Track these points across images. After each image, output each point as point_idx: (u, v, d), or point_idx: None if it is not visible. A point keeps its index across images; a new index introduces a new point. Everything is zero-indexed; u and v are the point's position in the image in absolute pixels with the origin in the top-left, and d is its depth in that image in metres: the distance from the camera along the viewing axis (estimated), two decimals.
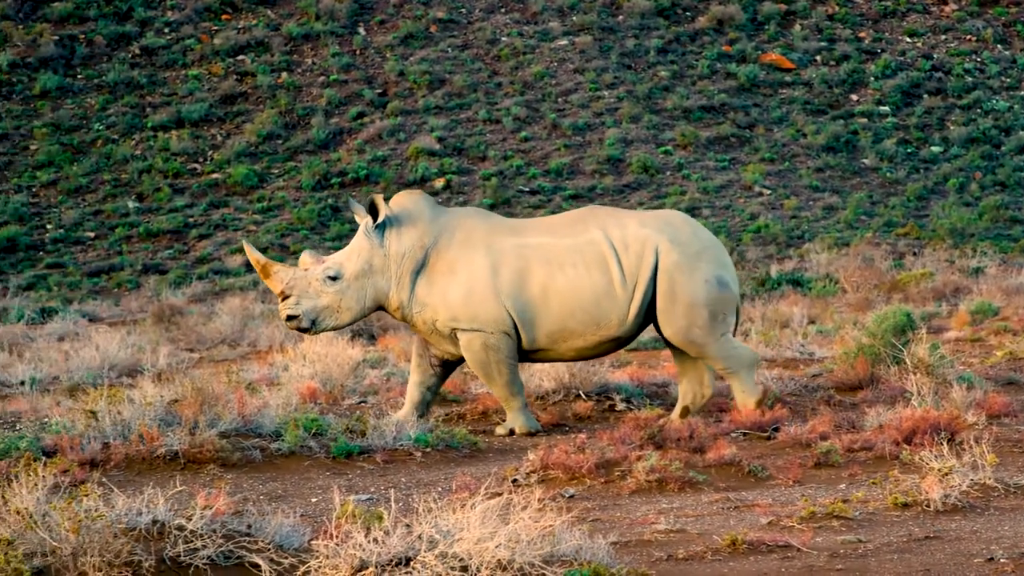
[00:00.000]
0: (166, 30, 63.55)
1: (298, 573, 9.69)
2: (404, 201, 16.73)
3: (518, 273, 16.36)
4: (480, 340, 16.31)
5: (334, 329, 16.72)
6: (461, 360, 16.76)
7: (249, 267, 48.12)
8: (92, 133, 58.28)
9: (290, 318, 16.38)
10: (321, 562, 9.65)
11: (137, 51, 62.49)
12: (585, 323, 16.41)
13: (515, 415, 16.63)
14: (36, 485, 10.04)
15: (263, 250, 50.10)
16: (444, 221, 16.62)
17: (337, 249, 50.36)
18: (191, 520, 10.11)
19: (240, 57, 62.70)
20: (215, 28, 63.93)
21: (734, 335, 17.07)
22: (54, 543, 9.80)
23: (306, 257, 16.61)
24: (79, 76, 60.95)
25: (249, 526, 10.27)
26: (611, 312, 16.43)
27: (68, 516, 9.82)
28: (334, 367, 19.51)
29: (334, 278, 16.37)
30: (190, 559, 9.94)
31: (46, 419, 16.30)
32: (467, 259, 16.38)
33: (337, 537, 9.74)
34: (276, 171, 57.09)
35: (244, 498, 12.88)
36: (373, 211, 16.49)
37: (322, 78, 61.91)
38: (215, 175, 56.58)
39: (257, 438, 15.17)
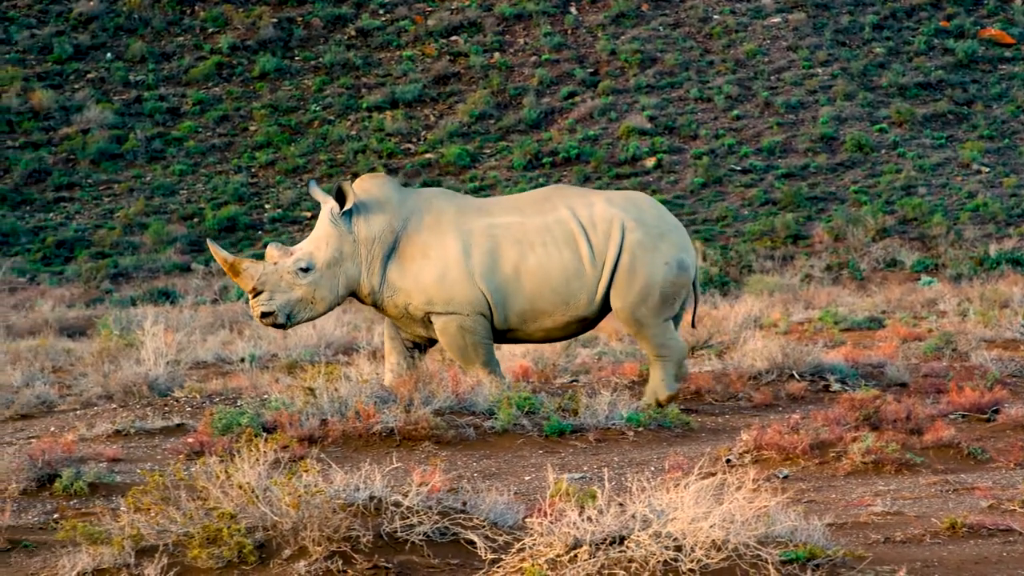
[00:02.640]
0: (381, 11, 64.27)
1: (512, 550, 9.74)
2: (369, 186, 16.43)
3: (489, 254, 16.15)
4: (456, 323, 16.09)
5: (309, 320, 16.44)
6: (433, 342, 16.53)
7: None
8: (309, 114, 59.23)
9: (265, 315, 16.00)
10: (535, 540, 9.68)
11: (353, 33, 63.32)
12: (555, 303, 16.22)
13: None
14: (257, 460, 10.23)
15: None
16: (411, 204, 16.37)
17: None
18: (407, 497, 10.21)
19: (453, 38, 63.17)
20: (429, 9, 64.48)
21: (692, 324, 17.32)
22: (275, 517, 9.98)
23: (273, 251, 16.19)
24: (296, 58, 61.97)
25: (464, 503, 10.35)
26: (580, 291, 16.26)
27: (288, 491, 9.99)
28: (546, 346, 19.58)
29: (306, 269, 16.02)
30: (406, 535, 10.04)
31: (266, 396, 16.61)
32: (439, 242, 16.14)
33: (551, 515, 9.77)
34: (488, 151, 57.44)
35: (458, 475, 12.99)
36: (340, 197, 16.14)
37: (534, 58, 62.10)
38: (428, 155, 57.12)
39: (471, 416, 15.29)
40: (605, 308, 16.41)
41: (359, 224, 16.17)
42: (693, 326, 17.79)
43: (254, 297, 16.01)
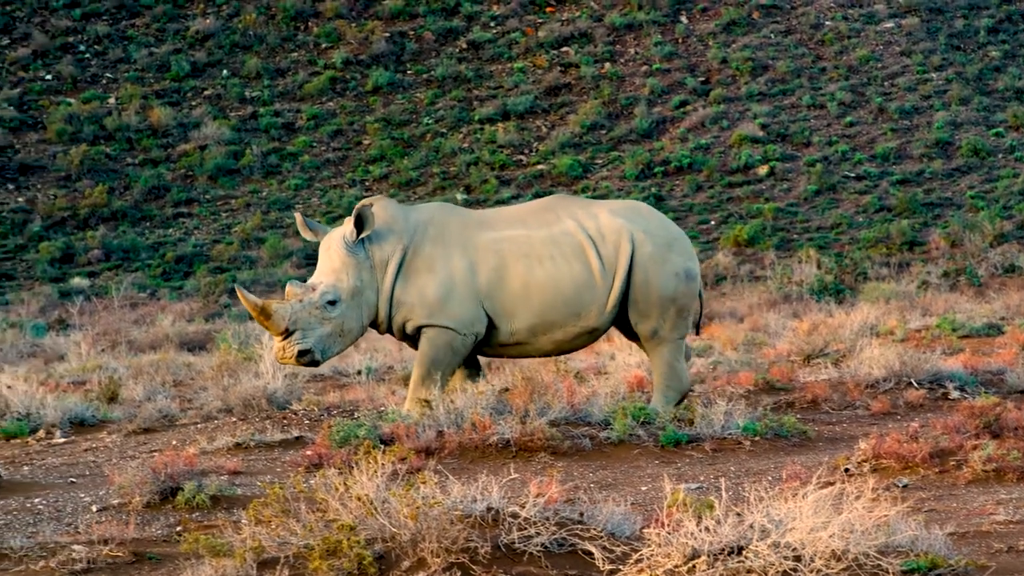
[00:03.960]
0: (492, 24, 64.48)
1: (630, 561, 9.74)
2: (376, 209, 16.11)
3: (496, 270, 15.99)
4: (447, 337, 15.90)
5: (338, 353, 16.24)
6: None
7: None
8: (421, 127, 59.54)
9: (302, 353, 15.77)
10: (653, 550, 9.67)
11: (464, 45, 63.58)
12: (566, 315, 16.06)
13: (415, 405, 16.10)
14: (376, 472, 10.30)
15: None
16: (415, 221, 16.18)
17: None
18: (525, 507, 10.25)
19: (564, 48, 63.23)
20: (539, 21, 64.60)
21: (697, 331, 17.02)
22: (393, 529, 10.05)
23: (294, 288, 15.95)
24: (409, 71, 62.33)
25: (581, 514, 10.37)
26: (591, 303, 16.10)
27: (406, 503, 10.05)
28: None
29: (333, 302, 15.80)
30: (524, 546, 10.08)
31: (383, 408, 16.72)
32: (444, 256, 15.97)
33: (668, 525, 9.76)
34: (600, 161, 57.42)
35: (575, 486, 13.00)
36: (359, 223, 15.88)
37: (645, 67, 62.01)
38: (540, 166, 57.19)
39: (586, 426, 15.30)
40: (614, 318, 16.31)
41: (374, 249, 16.00)
42: (697, 333, 17.58)
43: (285, 338, 15.73)
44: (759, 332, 27.52)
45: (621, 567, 9.77)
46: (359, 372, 23.59)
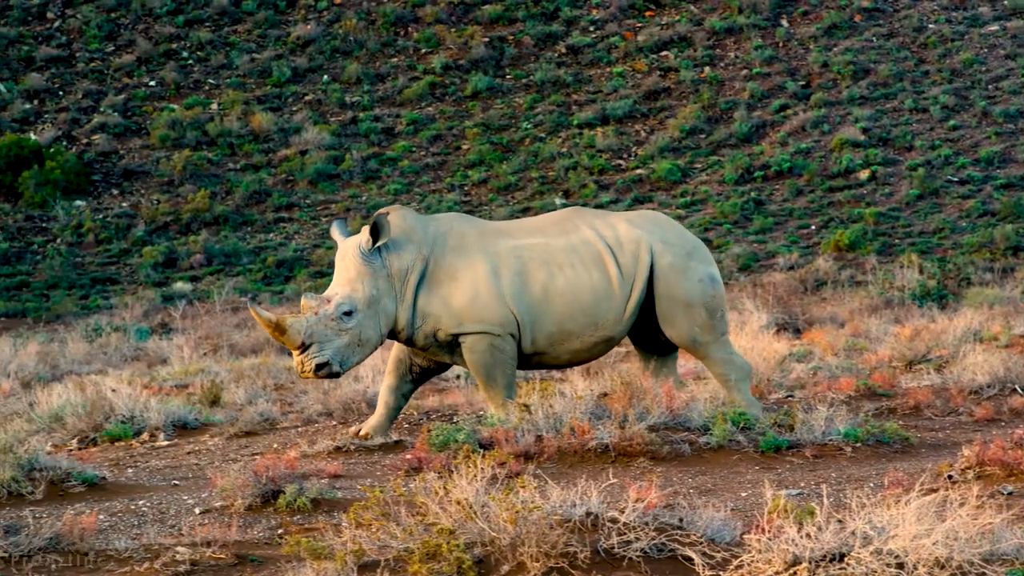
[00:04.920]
0: (591, 28, 64.47)
1: (730, 567, 9.70)
2: (393, 219, 16.00)
3: (519, 275, 15.86)
4: (487, 341, 15.76)
5: (358, 364, 16.03)
6: (441, 368, 16.23)
7: None
8: (520, 132, 59.62)
9: (320, 367, 15.60)
10: (754, 557, 9.63)
11: (563, 50, 63.61)
12: (584, 324, 15.93)
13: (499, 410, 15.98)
14: (475, 477, 10.33)
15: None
16: (434, 230, 16.04)
17: (759, 243, 50.15)
18: (624, 513, 10.23)
19: (663, 53, 63.10)
20: (639, 25, 64.51)
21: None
22: (493, 533, 10.06)
23: (309, 301, 15.75)
24: (508, 76, 62.44)
25: (681, 519, 10.34)
26: (608, 312, 15.97)
27: (506, 507, 10.07)
28: (760, 361, 19.44)
29: (349, 313, 15.62)
30: (623, 551, 10.06)
31: (482, 412, 16.75)
32: (467, 264, 15.83)
33: (769, 532, 9.71)
34: (699, 166, 57.23)
35: (674, 491, 12.96)
36: (375, 232, 15.73)
37: (745, 71, 61.74)
38: (639, 171, 57.09)
39: (685, 432, 15.25)
40: (631, 328, 16.23)
41: (391, 258, 15.84)
42: None
43: (302, 352, 15.61)
44: (860, 337, 27.29)
45: (721, 573, 9.73)
46: (458, 376, 23.64)
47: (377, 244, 15.74)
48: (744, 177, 55.96)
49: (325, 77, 62.16)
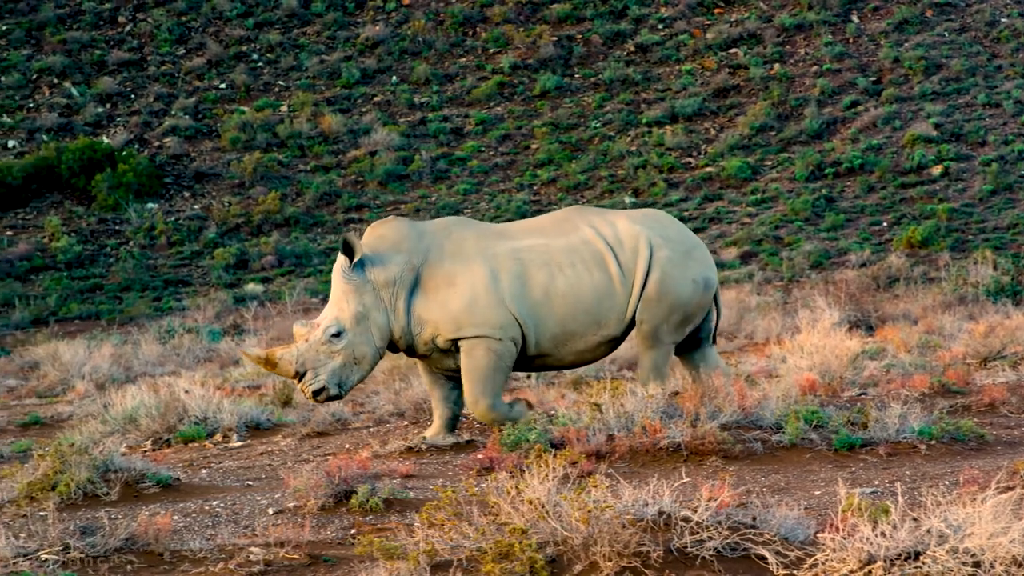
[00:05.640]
0: (660, 26, 64.34)
1: (804, 566, 9.65)
2: (382, 231, 16.02)
3: (519, 278, 15.72)
4: (485, 345, 15.62)
5: (360, 381, 15.96)
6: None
7: (744, 259, 48.22)
8: (589, 131, 59.57)
9: (317, 392, 15.61)
10: (828, 555, 9.58)
11: (632, 48, 63.52)
12: (587, 324, 15.79)
13: (501, 411, 15.84)
14: (547, 476, 10.32)
15: (757, 242, 50.12)
16: (430, 236, 15.94)
17: (831, 240, 49.87)
18: (697, 512, 10.20)
19: (733, 50, 62.88)
20: (708, 22, 64.32)
21: (714, 339, 16.66)
22: (565, 533, 10.06)
23: (299, 329, 15.80)
24: (576, 75, 62.41)
25: (754, 518, 10.30)
26: (611, 311, 15.83)
27: (578, 507, 10.06)
28: (832, 359, 19.32)
29: (337, 334, 15.60)
30: (696, 550, 10.03)
31: (552, 412, 16.74)
32: (465, 269, 15.70)
33: (843, 530, 9.65)
34: (769, 163, 56.99)
35: (747, 490, 12.90)
36: (348, 251, 15.73)
37: (815, 68, 61.43)
38: (709, 168, 56.93)
39: (757, 430, 15.18)
40: (632, 326, 16.10)
41: (374, 271, 15.76)
42: (714, 342, 17.23)
43: (300, 380, 15.67)
44: (933, 334, 27.10)
45: (795, 572, 9.68)
46: (528, 376, 23.65)
47: (353, 261, 15.74)
48: (815, 174, 55.67)
49: (394, 78, 62.36)
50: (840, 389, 18.63)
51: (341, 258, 15.87)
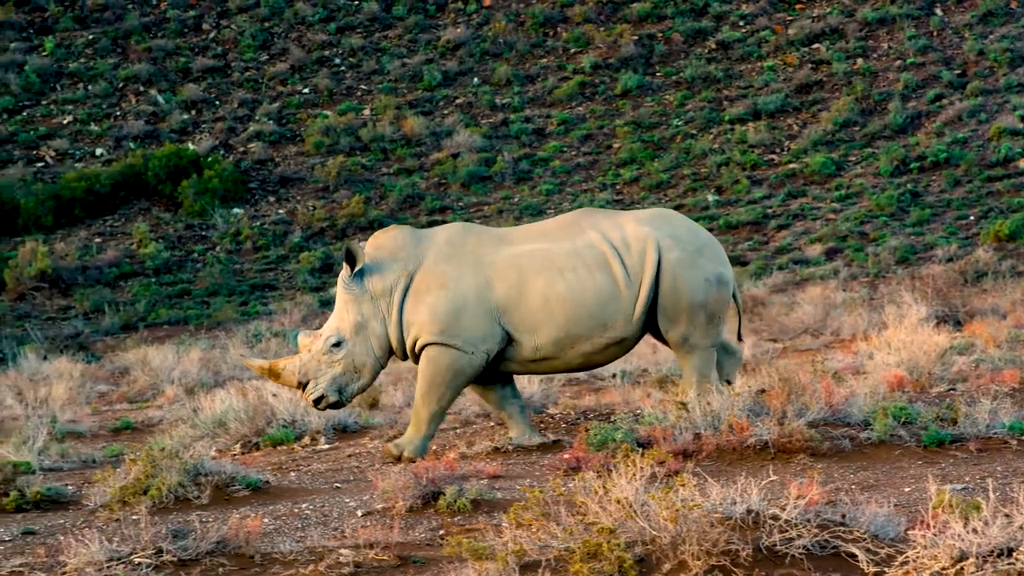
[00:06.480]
0: (741, 23, 64.09)
1: (895, 563, 9.60)
2: (382, 241, 16.04)
3: (515, 285, 15.62)
4: (451, 357, 15.59)
5: (362, 390, 16.05)
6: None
7: (828, 256, 47.95)
8: (671, 129, 59.44)
9: (317, 401, 15.82)
10: (919, 553, 9.52)
11: (713, 46, 63.30)
12: (592, 327, 15.66)
13: (418, 441, 15.79)
14: (634, 475, 10.33)
15: (842, 238, 49.81)
16: (428, 243, 15.92)
17: (917, 235, 49.48)
18: (785, 510, 10.18)
19: (815, 45, 62.53)
20: (789, 18, 64.00)
21: (739, 337, 16.57)
22: (653, 532, 10.06)
23: (303, 339, 15.98)
24: (657, 74, 62.29)
25: (843, 516, 10.26)
26: (617, 313, 15.69)
27: (666, 505, 10.06)
28: (920, 354, 19.19)
29: (337, 344, 15.75)
30: (786, 548, 10.01)
31: (638, 411, 16.74)
32: (457, 275, 15.65)
33: (934, 527, 9.60)
34: (853, 158, 56.62)
35: (836, 488, 12.86)
36: (350, 259, 15.80)
37: (898, 62, 60.98)
38: (792, 165, 56.63)
39: (845, 427, 15.11)
40: (644, 328, 15.99)
41: (372, 281, 15.83)
42: (740, 339, 17.07)
43: (303, 390, 15.91)
44: (1023, 329, 26.85)
45: (886, 569, 9.64)
46: (613, 375, 23.65)
47: (354, 271, 15.84)
48: (900, 169, 55.25)
49: (475, 80, 62.49)
50: (928, 385, 18.50)
51: (345, 267, 15.96)
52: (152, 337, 40.96)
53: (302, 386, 15.90)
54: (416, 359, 15.95)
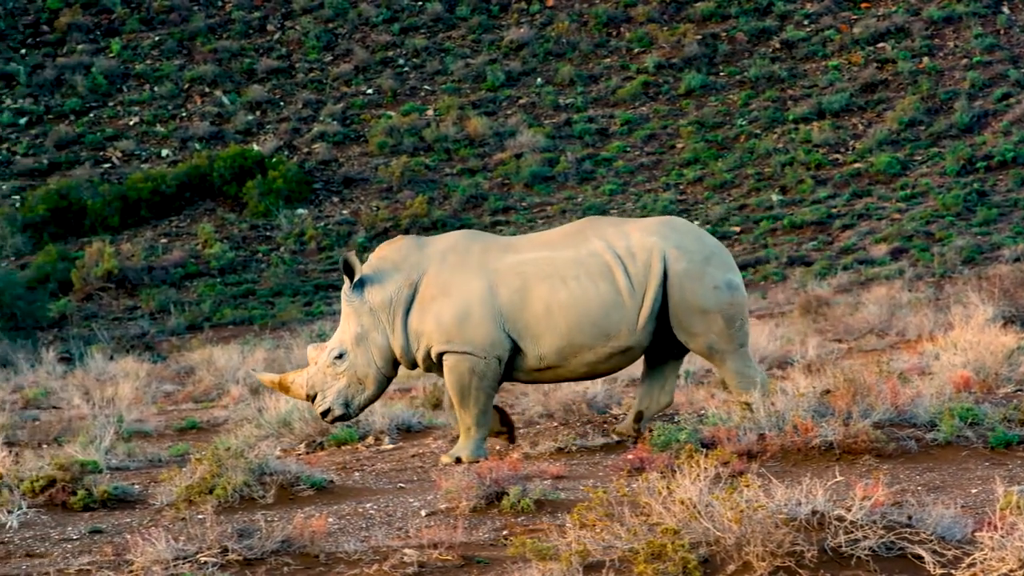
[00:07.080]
0: (805, 22, 63.83)
1: (962, 565, 9.54)
2: (386, 252, 16.08)
3: (518, 292, 15.54)
4: (468, 363, 15.56)
5: (369, 402, 16.06)
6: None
7: (894, 255, 47.67)
8: (735, 129, 59.26)
9: (324, 413, 15.94)
10: (986, 554, 9.46)
11: (777, 45, 63.07)
12: (595, 336, 15.55)
13: (471, 444, 15.76)
14: (698, 476, 10.31)
15: (908, 238, 49.53)
16: (432, 251, 15.90)
17: (983, 235, 49.12)
18: (851, 511, 10.13)
19: (880, 44, 62.20)
20: (854, 17, 63.69)
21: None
22: (718, 532, 10.04)
23: (311, 351, 16.10)
24: (721, 73, 62.11)
25: (909, 517, 10.20)
26: (620, 323, 15.57)
27: (730, 506, 10.03)
28: (987, 355, 19.03)
29: (340, 356, 15.83)
30: (851, 550, 9.96)
31: (702, 411, 16.70)
32: (462, 281, 15.61)
33: (1002, 529, 9.53)
34: (919, 158, 56.29)
35: (902, 489, 12.78)
36: (348, 270, 15.83)
37: (964, 61, 60.57)
38: (857, 165, 56.35)
39: (911, 428, 15.02)
40: (650, 337, 15.85)
41: (372, 292, 15.87)
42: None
43: (312, 402, 16.10)
44: None
45: (953, 571, 9.58)
46: (678, 376, 23.55)
47: (353, 281, 15.90)
48: (966, 168, 54.87)
49: (539, 80, 62.50)
50: (995, 386, 18.35)
51: (346, 279, 16.03)
52: (217, 337, 41.21)
53: (311, 399, 16.09)
54: (428, 368, 16.03)
